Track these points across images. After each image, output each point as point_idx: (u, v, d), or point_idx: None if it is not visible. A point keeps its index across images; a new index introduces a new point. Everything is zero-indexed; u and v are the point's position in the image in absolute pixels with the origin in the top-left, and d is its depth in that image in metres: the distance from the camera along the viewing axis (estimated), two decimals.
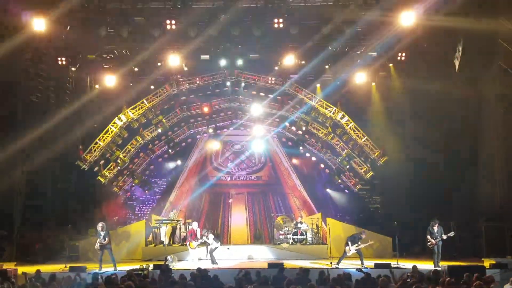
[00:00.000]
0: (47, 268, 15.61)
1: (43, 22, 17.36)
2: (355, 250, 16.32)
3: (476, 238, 18.85)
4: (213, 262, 17.11)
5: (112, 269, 15.78)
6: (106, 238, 16.12)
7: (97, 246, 16.19)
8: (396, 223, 17.32)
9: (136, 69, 21.39)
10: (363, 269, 14.00)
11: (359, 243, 16.36)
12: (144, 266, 15.16)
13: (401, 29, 18.23)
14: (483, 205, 19.48)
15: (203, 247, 18.12)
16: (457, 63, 18.38)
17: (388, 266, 15.22)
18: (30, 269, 14.48)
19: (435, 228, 15.88)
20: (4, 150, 19.14)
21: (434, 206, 19.35)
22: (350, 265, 16.20)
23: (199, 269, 12.66)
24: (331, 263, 16.71)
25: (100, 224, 16.32)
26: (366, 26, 18.56)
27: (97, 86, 22.18)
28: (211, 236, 17.51)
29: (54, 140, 20.93)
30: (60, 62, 19.87)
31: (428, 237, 15.95)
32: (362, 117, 22.75)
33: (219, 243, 17.86)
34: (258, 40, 19.14)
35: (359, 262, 16.30)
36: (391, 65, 21.41)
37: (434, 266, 15.18)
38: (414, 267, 12.82)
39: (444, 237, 15.81)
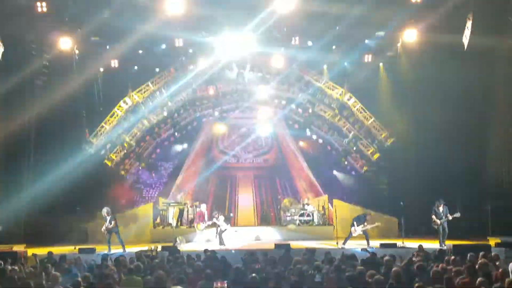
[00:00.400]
0: (56, 250, 15.78)
1: (45, 4, 17.34)
2: (361, 230, 16.38)
3: (482, 217, 18.86)
4: (221, 243, 17.25)
5: (121, 250, 15.97)
6: (112, 222, 16.46)
7: (104, 230, 16.47)
8: (403, 203, 17.31)
9: (140, 52, 21.34)
10: (368, 249, 14.06)
11: (365, 224, 16.41)
12: (153, 248, 15.31)
13: (409, 8, 17.99)
14: (490, 185, 19.46)
15: (211, 229, 18.26)
16: (466, 41, 18.16)
17: (394, 246, 15.33)
18: (40, 251, 14.67)
19: (441, 208, 15.92)
20: (11, 134, 19.29)
21: (441, 186, 19.32)
22: (356, 246, 16.25)
23: (206, 250, 12.78)
24: (337, 243, 16.79)
25: (105, 210, 16.62)
26: (374, 5, 18.28)
27: (101, 69, 22.18)
28: (221, 218, 17.62)
29: (60, 124, 21.01)
30: (64, 45, 19.79)
31: (433, 217, 15.98)
32: (369, 98, 22.59)
33: (229, 225, 18.00)
34: (264, 21, 18.95)
35: (364, 242, 16.36)
36: (399, 44, 21.17)
37: (440, 246, 15.24)
38: (420, 246, 12.88)
39: (450, 217, 15.84)
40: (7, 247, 16.79)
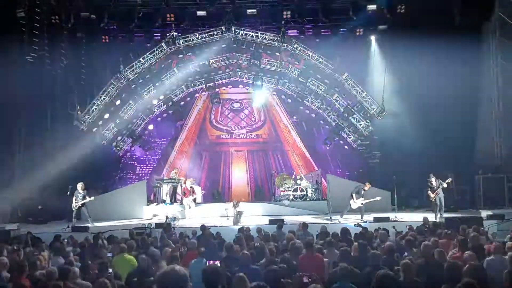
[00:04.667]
0: (49, 228, 15.83)
1: None
2: (361, 204, 16.42)
3: (474, 190, 19.04)
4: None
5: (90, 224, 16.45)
6: (86, 197, 16.82)
7: (78, 205, 16.65)
8: (395, 177, 17.38)
9: (131, 27, 21.08)
10: (361, 224, 14.16)
11: (363, 198, 16.45)
12: (146, 225, 15.35)
13: None
14: (481, 158, 19.60)
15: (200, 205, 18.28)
16: (456, 13, 18.08)
17: (387, 219, 15.46)
18: (33, 230, 14.67)
19: (433, 181, 16.06)
20: (2, 114, 19.15)
21: (433, 159, 19.42)
22: (350, 220, 16.36)
23: (203, 227, 12.69)
24: (330, 218, 16.89)
25: (82, 185, 16.83)
26: None
27: (92, 45, 21.94)
28: (240, 205, 17.60)
29: (51, 101, 20.85)
30: (53, 21, 19.48)
31: (429, 192, 16.12)
32: (362, 71, 22.50)
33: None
34: None
35: (359, 216, 16.47)
36: (390, 17, 21.02)
37: (435, 218, 15.41)
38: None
39: (444, 185, 16.00)
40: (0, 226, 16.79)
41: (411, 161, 20.29)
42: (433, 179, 16.11)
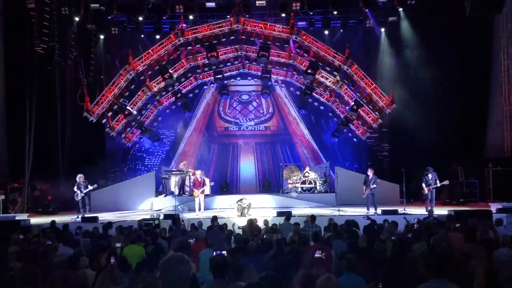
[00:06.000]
0: (59, 219, 15.93)
1: None
2: (370, 191, 16.40)
3: (484, 184, 18.93)
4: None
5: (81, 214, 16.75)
6: (89, 186, 17.00)
7: (80, 196, 16.80)
8: (404, 170, 17.32)
9: (140, 19, 21.11)
10: (370, 216, 14.14)
11: (374, 184, 16.42)
12: (155, 216, 15.42)
13: None
14: (491, 150, 19.47)
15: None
16: (468, 5, 17.89)
17: (395, 212, 15.44)
18: (42, 220, 14.81)
19: (430, 176, 16.02)
20: (12, 105, 19.28)
21: (442, 152, 19.32)
22: (357, 213, 16.34)
23: (214, 218, 12.67)
24: (338, 210, 16.88)
25: (82, 176, 16.88)
26: None
27: (101, 37, 22.03)
28: (246, 201, 17.61)
29: (60, 92, 20.95)
30: (63, 12, 19.55)
31: (423, 185, 16.15)
32: (371, 63, 22.39)
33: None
34: None
35: (366, 208, 16.45)
36: (400, 9, 20.87)
37: (426, 211, 15.34)
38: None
39: (438, 184, 15.96)
40: (10, 216, 16.96)
41: (420, 154, 20.18)
42: (430, 174, 16.07)
